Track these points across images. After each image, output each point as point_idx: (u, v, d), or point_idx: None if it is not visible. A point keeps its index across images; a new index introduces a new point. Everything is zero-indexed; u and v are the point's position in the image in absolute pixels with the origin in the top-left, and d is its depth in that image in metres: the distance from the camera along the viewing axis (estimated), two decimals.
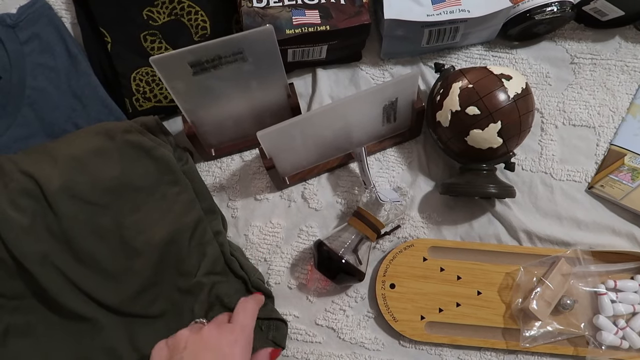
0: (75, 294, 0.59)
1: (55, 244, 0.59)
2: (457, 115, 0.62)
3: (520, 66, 0.75)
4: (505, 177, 0.70)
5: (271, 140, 0.61)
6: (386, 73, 0.75)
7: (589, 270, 0.65)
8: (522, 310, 0.64)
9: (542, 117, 0.73)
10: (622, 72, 0.74)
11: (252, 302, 0.56)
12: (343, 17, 0.66)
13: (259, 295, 0.62)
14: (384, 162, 0.72)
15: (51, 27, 0.70)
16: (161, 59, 0.54)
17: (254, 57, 0.58)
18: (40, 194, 0.59)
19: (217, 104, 0.64)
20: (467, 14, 0.66)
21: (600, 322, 0.63)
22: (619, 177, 0.69)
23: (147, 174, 0.62)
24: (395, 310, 0.66)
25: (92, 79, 0.70)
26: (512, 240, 0.69)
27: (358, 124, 0.66)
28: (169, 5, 0.70)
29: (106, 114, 0.69)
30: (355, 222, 0.64)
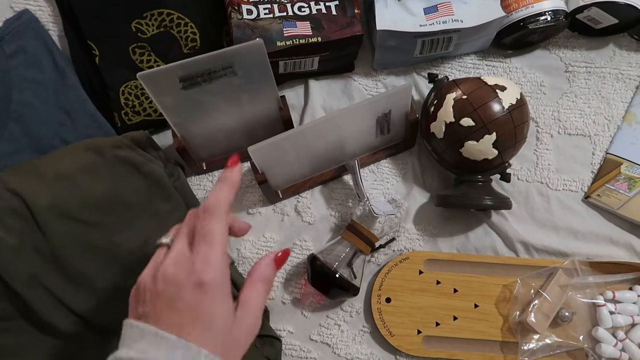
0: (66, 314, 0.57)
1: (44, 263, 0.57)
2: (451, 127, 0.62)
3: (514, 75, 0.74)
4: (501, 188, 0.69)
5: (263, 155, 0.60)
6: (379, 84, 0.74)
7: (587, 281, 0.64)
8: (520, 323, 0.63)
9: (537, 126, 0.72)
10: (616, 80, 0.74)
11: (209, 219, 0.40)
12: (335, 28, 0.65)
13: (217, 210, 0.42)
14: (378, 174, 0.71)
15: (38, 41, 0.69)
16: (149, 74, 0.53)
17: (244, 70, 0.57)
18: (28, 213, 0.57)
19: (207, 117, 0.63)
20: (460, 24, 0.66)
21: (600, 334, 0.62)
22: (615, 187, 0.68)
23: (137, 190, 0.61)
24: (392, 324, 0.65)
25: (80, 93, 0.68)
26: (509, 252, 0.68)
27: (351, 136, 0.65)
28: (158, 17, 0.69)
29: (95, 129, 0.68)
30: (349, 235, 0.64)
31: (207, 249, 0.39)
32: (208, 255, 0.39)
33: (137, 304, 0.40)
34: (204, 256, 0.39)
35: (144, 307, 0.39)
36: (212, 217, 0.40)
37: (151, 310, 0.38)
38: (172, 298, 0.38)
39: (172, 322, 0.37)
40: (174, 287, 0.38)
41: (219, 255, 0.39)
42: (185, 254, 0.40)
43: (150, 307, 0.38)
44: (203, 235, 0.40)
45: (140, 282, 0.41)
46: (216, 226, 0.40)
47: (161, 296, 0.38)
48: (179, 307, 0.38)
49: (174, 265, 0.39)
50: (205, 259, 0.39)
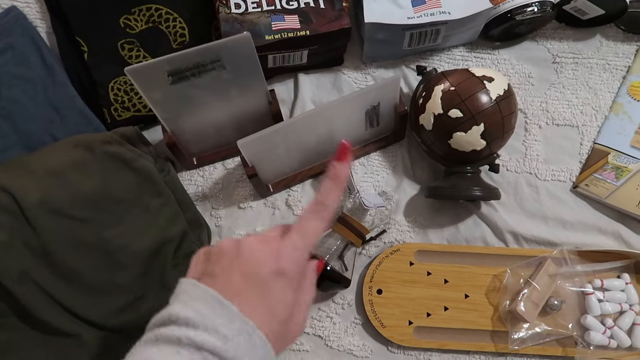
0: (57, 310, 0.57)
1: (35, 260, 0.57)
2: (439, 119, 0.62)
3: (502, 67, 0.75)
4: (490, 179, 0.70)
5: (252, 149, 0.60)
6: (368, 76, 0.75)
7: (575, 270, 0.65)
8: (509, 312, 0.64)
9: (526, 117, 0.73)
10: (604, 70, 0.74)
11: (315, 221, 0.41)
12: (323, 21, 0.66)
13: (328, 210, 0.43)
14: (369, 167, 0.72)
15: (26, 38, 0.69)
16: (137, 69, 0.53)
17: (232, 64, 0.57)
18: (18, 210, 0.57)
19: (197, 112, 0.63)
20: (448, 15, 0.66)
21: (588, 322, 0.63)
22: (603, 176, 0.69)
23: (128, 186, 0.61)
24: (383, 316, 0.65)
25: (70, 89, 0.68)
26: (499, 242, 0.69)
27: (341, 129, 0.65)
28: (147, 12, 0.69)
29: (84, 125, 0.68)
30: (340, 228, 0.64)
31: (297, 239, 0.39)
32: (296, 246, 0.39)
33: (205, 263, 0.40)
34: (292, 245, 0.39)
35: (213, 267, 0.38)
36: (315, 215, 0.41)
37: (221, 273, 0.38)
38: (249, 270, 0.38)
39: (239, 292, 0.37)
40: (255, 261, 0.38)
41: (306, 250, 0.40)
42: (276, 237, 0.40)
43: (220, 270, 0.38)
44: (299, 228, 0.40)
45: (220, 244, 0.40)
46: (315, 223, 0.41)
47: (240, 263, 0.38)
48: (252, 281, 0.37)
49: (263, 242, 0.39)
50: (293, 248, 0.39)
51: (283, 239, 0.40)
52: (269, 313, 0.38)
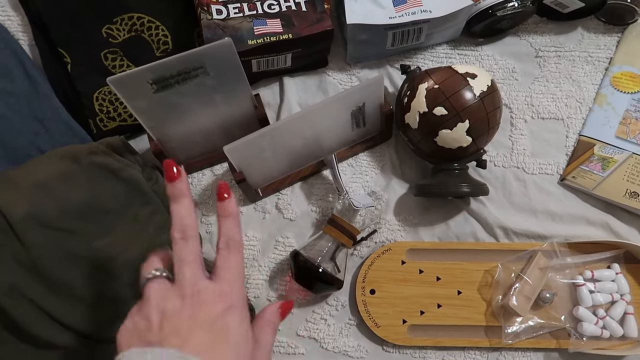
0: (48, 323, 0.57)
1: (24, 273, 0.57)
2: (425, 117, 0.62)
3: (486, 63, 0.75)
4: (478, 175, 0.70)
5: (239, 154, 0.60)
6: (353, 77, 0.75)
7: (565, 262, 0.65)
8: (502, 307, 0.64)
9: (511, 112, 0.73)
10: (586, 62, 0.75)
11: (234, 254, 0.43)
12: (305, 24, 0.66)
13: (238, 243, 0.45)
14: (357, 167, 0.72)
15: (8, 50, 0.68)
16: (120, 78, 0.53)
17: (215, 71, 0.57)
18: (5, 224, 0.57)
19: (182, 120, 0.63)
20: (429, 14, 0.66)
21: (580, 313, 0.63)
22: (589, 168, 0.69)
23: (116, 196, 0.61)
24: (377, 315, 0.65)
25: (54, 101, 0.68)
26: (489, 237, 0.69)
27: (327, 131, 0.65)
28: (129, 22, 0.69)
29: (70, 136, 0.67)
30: (331, 229, 0.64)
31: (231, 277, 0.41)
32: (233, 282, 0.41)
33: (148, 331, 0.38)
34: (229, 283, 0.41)
35: (160, 332, 0.38)
36: (236, 252, 0.43)
37: (173, 334, 0.37)
38: (205, 319, 0.38)
39: (201, 344, 0.37)
40: (206, 309, 0.39)
41: (241, 285, 0.42)
42: (206, 280, 0.41)
43: (170, 330, 0.38)
44: (228, 268, 0.42)
45: (149, 312, 0.39)
46: (239, 259, 0.43)
47: (192, 318, 0.38)
48: (213, 328, 0.38)
49: (201, 292, 0.40)
50: (230, 285, 0.41)
51: (215, 281, 0.41)
52: (235, 353, 0.39)
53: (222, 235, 0.43)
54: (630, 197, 0.67)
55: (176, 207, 0.42)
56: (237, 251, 0.43)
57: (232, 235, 0.43)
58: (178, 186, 0.42)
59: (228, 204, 0.44)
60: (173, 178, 0.42)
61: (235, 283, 0.42)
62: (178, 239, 0.42)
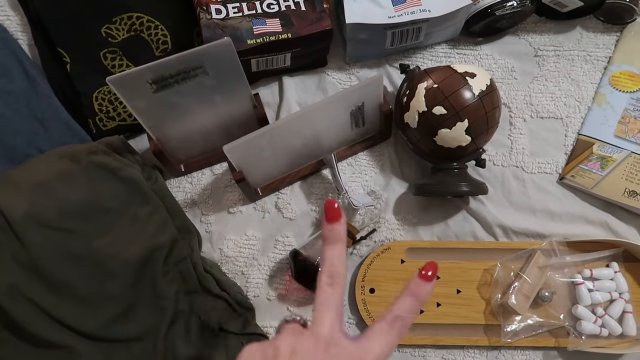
0: (49, 323, 0.57)
1: (24, 273, 0.57)
2: (424, 116, 0.62)
3: (485, 62, 0.75)
4: (477, 174, 0.70)
5: (239, 153, 0.60)
6: (353, 77, 0.75)
7: (564, 261, 0.65)
8: (501, 305, 0.64)
9: (510, 111, 0.73)
10: (585, 62, 0.75)
11: (394, 333, 0.38)
12: (304, 24, 0.66)
13: None
14: (356, 167, 0.72)
15: (7, 50, 0.69)
16: (119, 78, 0.53)
17: (215, 70, 0.57)
18: (5, 223, 0.57)
19: (182, 119, 0.63)
20: (428, 13, 0.66)
21: (579, 311, 0.64)
22: (588, 167, 0.69)
23: (115, 195, 0.61)
24: (376, 314, 0.65)
25: (53, 100, 0.68)
26: (488, 236, 0.69)
27: (327, 130, 0.65)
28: (128, 21, 0.69)
29: (70, 136, 0.67)
30: None
31: (380, 350, 0.37)
32: (379, 357, 0.37)
33: (274, 358, 0.35)
34: (375, 356, 0.37)
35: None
36: (401, 330, 0.38)
37: None
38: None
39: None
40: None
41: None
42: (347, 339, 0.37)
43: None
44: (381, 340, 0.37)
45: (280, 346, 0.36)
46: (397, 340, 0.38)
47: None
48: None
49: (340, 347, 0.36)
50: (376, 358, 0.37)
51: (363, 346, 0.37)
52: None
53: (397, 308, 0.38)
54: (629, 196, 0.67)
55: (330, 251, 0.39)
56: (400, 333, 0.38)
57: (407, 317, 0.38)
58: (337, 229, 0.39)
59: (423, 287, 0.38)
60: (334, 220, 0.39)
61: None
62: (325, 283, 0.38)
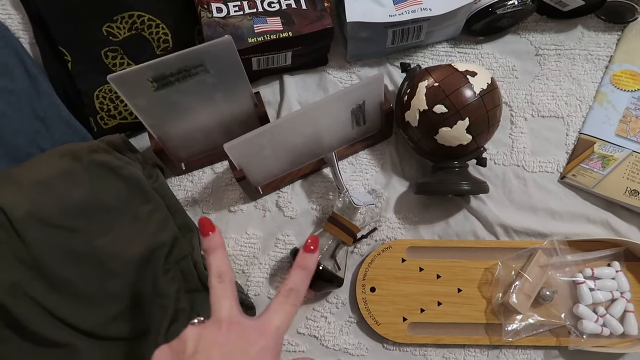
0: (50, 321, 0.57)
1: (26, 271, 0.57)
2: (425, 115, 0.62)
3: (486, 61, 0.75)
4: (478, 173, 0.70)
5: (240, 151, 0.60)
6: (353, 75, 0.75)
7: (566, 260, 0.65)
8: (502, 304, 0.64)
9: (511, 110, 0.73)
10: (586, 61, 0.75)
11: (291, 304, 0.45)
12: (305, 22, 0.66)
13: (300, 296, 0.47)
14: (357, 165, 0.72)
15: (8, 49, 0.69)
16: (120, 76, 0.53)
17: (215, 68, 0.57)
18: (6, 222, 0.57)
19: (182, 118, 0.63)
20: (429, 12, 0.66)
21: (580, 311, 0.63)
22: (589, 166, 0.69)
23: (116, 194, 0.61)
24: (377, 313, 0.65)
25: (55, 99, 0.68)
26: (489, 235, 0.69)
27: (327, 128, 0.65)
28: (129, 20, 0.69)
29: (71, 135, 0.67)
30: (331, 227, 0.64)
31: (280, 322, 0.44)
32: (280, 327, 0.43)
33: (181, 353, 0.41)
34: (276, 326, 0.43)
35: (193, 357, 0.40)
36: (294, 303, 0.45)
37: None
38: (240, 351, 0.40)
39: None
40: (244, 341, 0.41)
41: (283, 335, 0.44)
42: (247, 318, 0.44)
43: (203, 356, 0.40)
44: (279, 311, 0.44)
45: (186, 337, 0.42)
46: (294, 311, 0.45)
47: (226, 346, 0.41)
48: None
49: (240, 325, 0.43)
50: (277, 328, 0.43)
51: (263, 320, 0.43)
52: None
53: (289, 282, 0.45)
54: (630, 195, 0.67)
55: (212, 257, 0.46)
56: (295, 304, 0.45)
57: (299, 287, 0.45)
58: (213, 240, 0.46)
59: (309, 258, 0.47)
60: (207, 233, 0.46)
61: (281, 329, 0.43)
62: (216, 282, 0.44)
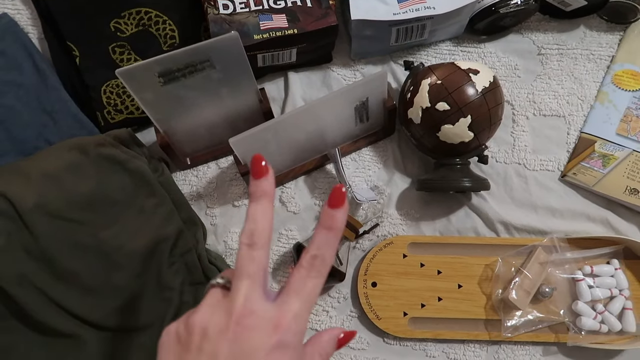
0: (57, 312, 0.58)
1: (33, 263, 0.58)
2: (427, 112, 0.63)
3: (489, 60, 0.76)
4: (479, 170, 0.71)
5: (244, 146, 0.61)
6: (357, 73, 0.76)
7: (565, 257, 0.66)
8: (502, 300, 0.65)
9: (513, 108, 0.74)
10: (588, 60, 0.75)
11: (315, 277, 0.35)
12: (310, 19, 0.66)
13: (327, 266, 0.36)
14: (360, 162, 0.73)
15: (18, 44, 0.70)
16: (127, 70, 0.54)
17: (221, 64, 0.58)
18: (15, 213, 0.58)
19: (188, 113, 0.64)
20: (433, 10, 0.67)
21: (579, 307, 0.64)
22: (590, 164, 0.70)
23: (122, 187, 0.62)
24: (378, 308, 0.66)
25: (62, 93, 0.69)
26: (490, 232, 0.70)
27: (331, 125, 0.66)
28: (136, 16, 0.70)
29: (78, 129, 0.68)
30: None
31: (299, 306, 0.34)
32: (299, 314, 0.34)
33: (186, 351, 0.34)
34: (294, 314, 0.34)
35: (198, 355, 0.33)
36: (319, 274, 0.35)
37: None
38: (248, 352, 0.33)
39: None
40: (254, 338, 0.33)
41: (307, 318, 0.35)
42: (264, 303, 0.34)
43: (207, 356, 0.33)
44: (299, 291, 0.35)
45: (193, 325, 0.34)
46: (313, 282, 0.35)
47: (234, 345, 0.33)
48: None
49: (253, 316, 0.34)
50: (295, 317, 0.34)
51: (276, 305, 0.34)
52: None
53: (312, 246, 0.36)
54: (630, 193, 0.68)
55: (253, 206, 0.36)
56: (320, 275, 0.35)
57: (324, 254, 0.35)
58: (262, 184, 0.36)
59: (339, 215, 0.36)
60: (260, 174, 0.36)
61: (301, 317, 0.34)
62: (244, 244, 0.35)
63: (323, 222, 0.36)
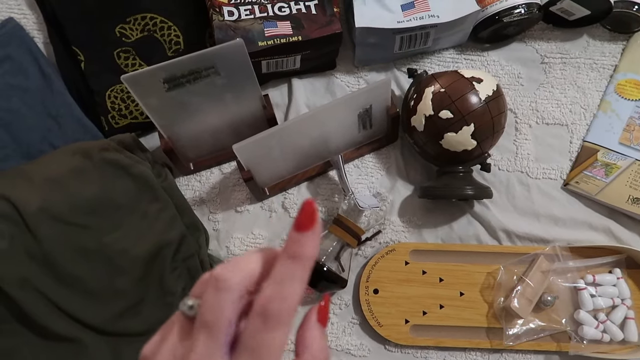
0: (59, 316, 0.58)
1: (36, 266, 0.58)
2: (431, 120, 0.63)
3: (492, 68, 0.76)
4: (482, 178, 0.71)
5: (248, 152, 0.61)
6: (361, 80, 0.76)
7: (567, 266, 0.66)
8: (504, 309, 0.65)
9: (516, 117, 0.74)
10: (591, 69, 0.75)
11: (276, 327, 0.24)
12: (315, 27, 0.67)
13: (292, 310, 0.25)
14: (363, 169, 0.73)
15: (23, 48, 0.70)
16: (133, 76, 0.54)
17: (226, 71, 0.59)
18: (18, 217, 0.58)
19: (192, 118, 0.64)
20: (437, 19, 0.67)
21: (581, 316, 0.64)
22: (593, 173, 0.70)
23: (126, 192, 0.62)
24: (380, 315, 0.66)
25: (67, 98, 0.70)
26: (492, 240, 0.70)
27: (334, 132, 0.66)
28: (142, 21, 0.70)
29: (82, 133, 0.69)
30: (336, 229, 0.65)
31: None
32: None
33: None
34: None
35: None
36: (279, 323, 0.25)
37: None
38: None
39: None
40: None
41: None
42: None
43: None
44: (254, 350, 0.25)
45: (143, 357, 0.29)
46: (282, 335, 0.25)
47: None
48: None
49: None
50: None
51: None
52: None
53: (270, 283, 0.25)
54: (632, 203, 0.68)
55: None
56: (281, 324, 0.25)
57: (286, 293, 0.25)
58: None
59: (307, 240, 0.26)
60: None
61: None
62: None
63: (287, 248, 0.26)
